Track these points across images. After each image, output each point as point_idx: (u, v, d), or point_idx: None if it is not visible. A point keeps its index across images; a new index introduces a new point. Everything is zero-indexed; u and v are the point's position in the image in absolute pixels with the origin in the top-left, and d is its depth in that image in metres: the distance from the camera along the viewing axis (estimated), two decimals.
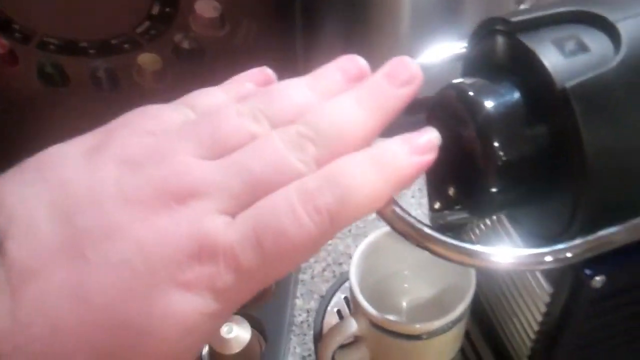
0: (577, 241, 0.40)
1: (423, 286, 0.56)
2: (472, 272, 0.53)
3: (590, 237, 0.40)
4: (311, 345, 0.67)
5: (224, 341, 0.63)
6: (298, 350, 0.68)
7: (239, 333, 0.64)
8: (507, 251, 0.39)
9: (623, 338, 0.52)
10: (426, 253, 0.54)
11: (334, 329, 0.53)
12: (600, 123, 0.39)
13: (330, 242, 0.75)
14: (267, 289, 0.69)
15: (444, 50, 0.47)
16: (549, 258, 0.39)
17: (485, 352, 0.59)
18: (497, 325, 0.58)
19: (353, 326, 0.53)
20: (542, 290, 0.48)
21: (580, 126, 0.39)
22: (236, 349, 0.63)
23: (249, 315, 0.65)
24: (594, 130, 0.39)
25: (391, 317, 0.52)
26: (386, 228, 0.55)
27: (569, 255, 0.40)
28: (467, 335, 0.60)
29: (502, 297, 0.56)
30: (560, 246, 0.39)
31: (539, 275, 0.48)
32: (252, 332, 0.64)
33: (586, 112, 0.39)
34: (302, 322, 0.70)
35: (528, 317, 0.51)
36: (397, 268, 0.57)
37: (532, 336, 0.52)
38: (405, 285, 0.57)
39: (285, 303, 0.68)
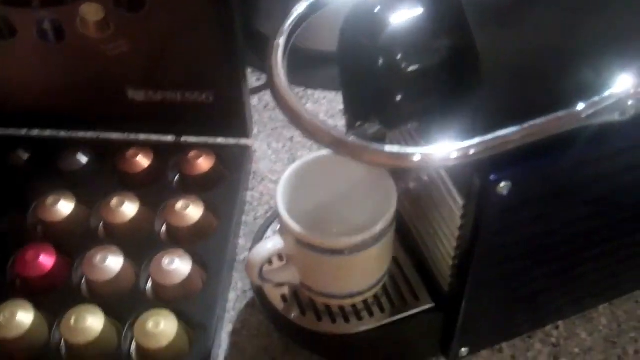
0: (478, 139, 0.42)
1: (351, 213, 0.58)
2: (394, 195, 0.55)
3: (489, 136, 0.42)
4: None
5: (164, 272, 0.66)
6: (239, 285, 0.71)
7: (179, 265, 0.66)
8: (417, 150, 0.42)
9: (537, 256, 0.55)
10: (351, 179, 0.57)
11: (260, 245, 0.55)
12: (493, 27, 0.42)
13: (273, 186, 0.77)
14: (210, 227, 0.71)
15: None
16: (454, 154, 0.42)
17: (413, 276, 0.62)
18: (422, 248, 0.61)
19: (279, 243, 0.55)
20: (456, 204, 0.51)
21: (473, 31, 0.41)
22: (177, 280, 0.65)
23: (191, 250, 0.67)
24: (487, 34, 0.42)
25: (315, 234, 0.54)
26: (314, 154, 0.58)
27: (471, 152, 0.42)
28: (396, 260, 0.62)
29: (424, 220, 0.58)
30: (463, 144, 0.42)
31: (452, 188, 0.51)
32: (194, 266, 0.67)
33: (478, 17, 0.41)
34: (244, 259, 0.72)
35: (447, 234, 0.54)
36: (326, 196, 0.59)
37: (452, 253, 0.54)
38: (334, 215, 0.60)
39: (227, 240, 0.70)
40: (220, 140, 0.80)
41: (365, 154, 0.43)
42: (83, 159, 0.77)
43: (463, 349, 0.62)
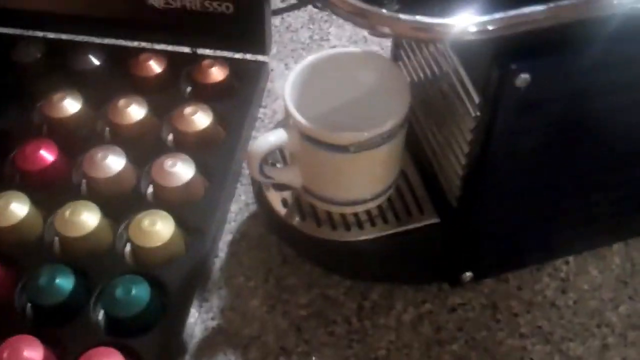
0: (499, 14, 0.40)
1: (363, 114, 0.55)
2: (407, 95, 0.53)
3: (512, 13, 0.40)
4: None
5: (166, 174, 0.64)
6: (243, 197, 0.68)
7: (182, 169, 0.64)
8: (439, 20, 0.39)
9: (549, 173, 0.52)
10: (365, 79, 0.54)
11: (263, 137, 0.53)
12: None
13: None
14: (218, 138, 0.69)
15: None
16: (473, 28, 0.39)
17: (420, 190, 0.59)
18: (433, 160, 0.58)
19: (283, 136, 0.53)
20: (471, 103, 0.48)
21: None
22: (177, 182, 0.63)
23: (196, 157, 0.65)
24: None
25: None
26: (328, 50, 0.56)
27: (490, 27, 0.40)
28: (404, 174, 0.60)
29: (436, 129, 0.56)
30: (484, 18, 0.39)
31: (468, 84, 0.49)
32: (196, 172, 0.65)
33: None
34: (249, 173, 0.70)
35: (459, 140, 0.52)
36: (338, 96, 0.57)
37: (463, 162, 0.52)
38: (346, 116, 0.57)
39: (233, 152, 0.68)
40: (238, 56, 0.78)
41: (387, 23, 0.40)
42: (95, 61, 0.75)
43: (467, 273, 0.60)
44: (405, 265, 0.60)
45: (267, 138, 0.53)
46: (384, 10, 0.40)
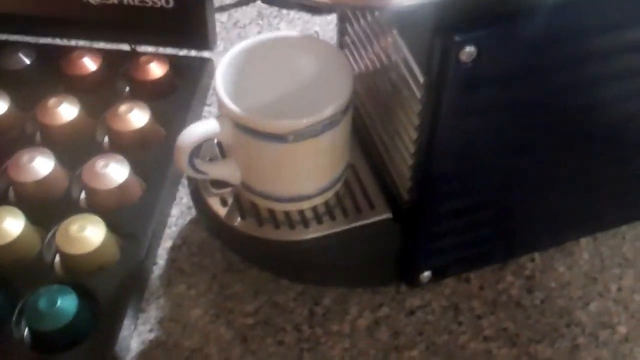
0: None
1: (305, 102, 0.51)
2: (349, 79, 0.48)
3: None
4: None
5: (97, 175, 0.59)
6: (184, 200, 0.64)
7: (115, 170, 0.59)
8: None
9: (503, 160, 0.48)
10: (305, 64, 0.50)
11: (192, 127, 0.48)
12: None
13: None
14: (156, 138, 0.65)
15: None
16: None
17: (370, 184, 0.55)
18: (382, 150, 0.54)
19: (214, 126, 0.48)
20: (416, 83, 0.44)
21: None
22: (110, 185, 0.59)
23: (131, 158, 0.61)
24: None
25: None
26: (261, 35, 0.51)
27: None
28: (353, 168, 0.55)
29: (383, 117, 0.52)
30: None
31: (412, 64, 0.44)
32: (132, 174, 0.60)
33: None
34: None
35: (406, 125, 0.48)
36: (276, 84, 0.52)
37: (412, 149, 0.48)
38: (286, 105, 0.52)
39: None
40: (183, 53, 0.73)
41: None
42: (25, 60, 0.70)
43: (425, 273, 0.55)
44: (357, 266, 0.55)
45: (197, 128, 0.48)
46: None
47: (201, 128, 0.48)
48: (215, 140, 0.56)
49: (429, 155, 0.46)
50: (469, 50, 0.40)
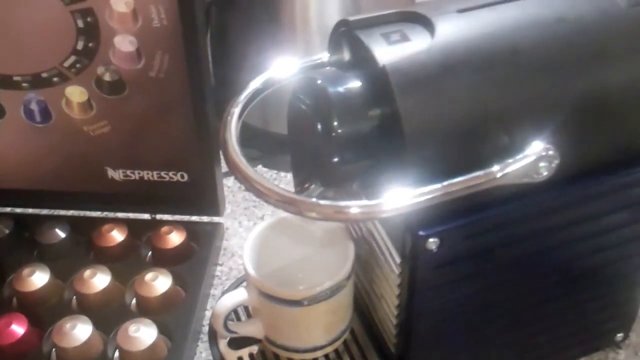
0: (403, 195, 0.46)
1: (315, 271, 0.62)
2: (351, 253, 0.60)
3: (415, 191, 0.46)
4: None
5: (130, 339, 0.68)
6: (204, 354, 0.73)
7: (145, 333, 0.69)
8: (353, 204, 0.46)
9: (475, 316, 0.58)
10: (314, 239, 0.62)
11: (226, 296, 0.60)
12: (416, 95, 0.47)
13: (242, 262, 0.80)
14: (178, 299, 0.75)
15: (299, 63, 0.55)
16: (382, 208, 0.46)
17: (363, 339, 0.64)
18: (371, 309, 0.64)
19: (242, 294, 0.60)
20: (395, 262, 0.55)
21: (397, 99, 0.46)
22: (141, 346, 0.68)
23: (158, 320, 0.70)
24: (410, 102, 0.46)
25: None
26: (278, 216, 0.63)
27: (398, 206, 0.46)
28: (352, 331, 0.66)
29: (371, 282, 0.62)
30: (392, 200, 0.46)
31: (390, 247, 0.55)
32: (159, 334, 0.69)
33: (402, 86, 0.46)
34: (208, 331, 0.75)
35: (389, 293, 0.58)
36: (291, 256, 0.65)
37: (395, 312, 0.58)
38: (300, 273, 0.65)
39: (193, 312, 0.73)
40: (195, 218, 0.84)
41: (307, 209, 0.47)
42: (61, 234, 0.80)
43: None
44: None
45: (230, 298, 0.60)
46: (310, 199, 0.47)
47: (234, 297, 0.59)
48: None
49: (409, 319, 0.56)
50: (433, 240, 0.50)
